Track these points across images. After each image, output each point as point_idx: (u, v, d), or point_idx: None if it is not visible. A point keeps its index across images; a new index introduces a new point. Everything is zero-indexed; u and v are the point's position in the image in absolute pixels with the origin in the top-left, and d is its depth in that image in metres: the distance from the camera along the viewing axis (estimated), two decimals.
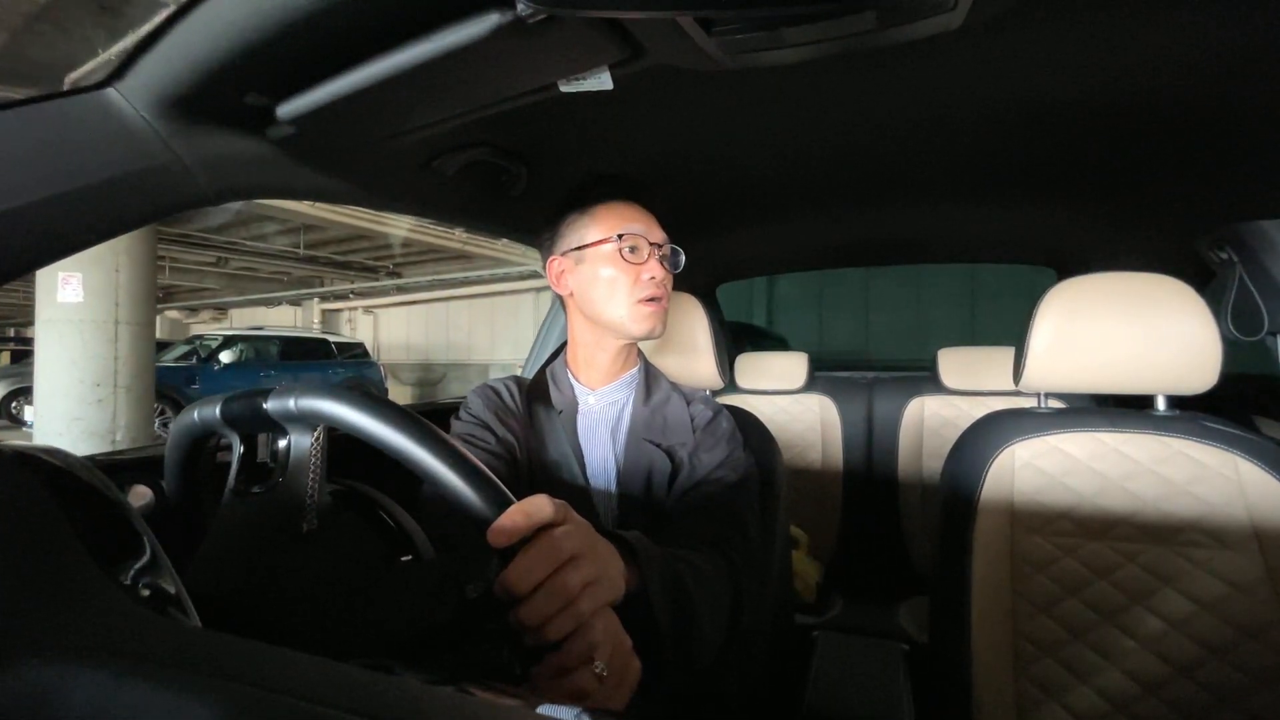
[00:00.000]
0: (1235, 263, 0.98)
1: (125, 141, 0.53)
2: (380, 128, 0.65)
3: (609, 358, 0.83)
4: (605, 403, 0.83)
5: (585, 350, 0.84)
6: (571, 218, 0.82)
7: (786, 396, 1.81)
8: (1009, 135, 0.82)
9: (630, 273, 0.77)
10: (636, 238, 0.78)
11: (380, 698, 0.25)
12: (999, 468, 0.83)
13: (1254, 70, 0.63)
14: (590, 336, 0.83)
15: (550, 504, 0.42)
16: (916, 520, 1.69)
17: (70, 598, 0.30)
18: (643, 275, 0.77)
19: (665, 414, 0.83)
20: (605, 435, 0.81)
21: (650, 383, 0.86)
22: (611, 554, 0.48)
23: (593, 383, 0.84)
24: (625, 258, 0.77)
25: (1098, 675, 0.76)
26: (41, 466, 0.36)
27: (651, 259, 0.78)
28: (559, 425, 0.80)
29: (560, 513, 0.43)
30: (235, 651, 0.28)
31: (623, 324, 0.78)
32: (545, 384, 0.85)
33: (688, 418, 0.83)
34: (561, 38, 0.48)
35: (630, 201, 0.82)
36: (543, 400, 0.83)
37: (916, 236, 1.39)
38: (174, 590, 0.35)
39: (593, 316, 0.81)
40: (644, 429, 0.81)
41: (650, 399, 0.84)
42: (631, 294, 0.77)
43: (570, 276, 0.82)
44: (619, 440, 0.81)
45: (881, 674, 0.94)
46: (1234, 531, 0.75)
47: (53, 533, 0.32)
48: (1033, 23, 0.56)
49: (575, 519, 0.45)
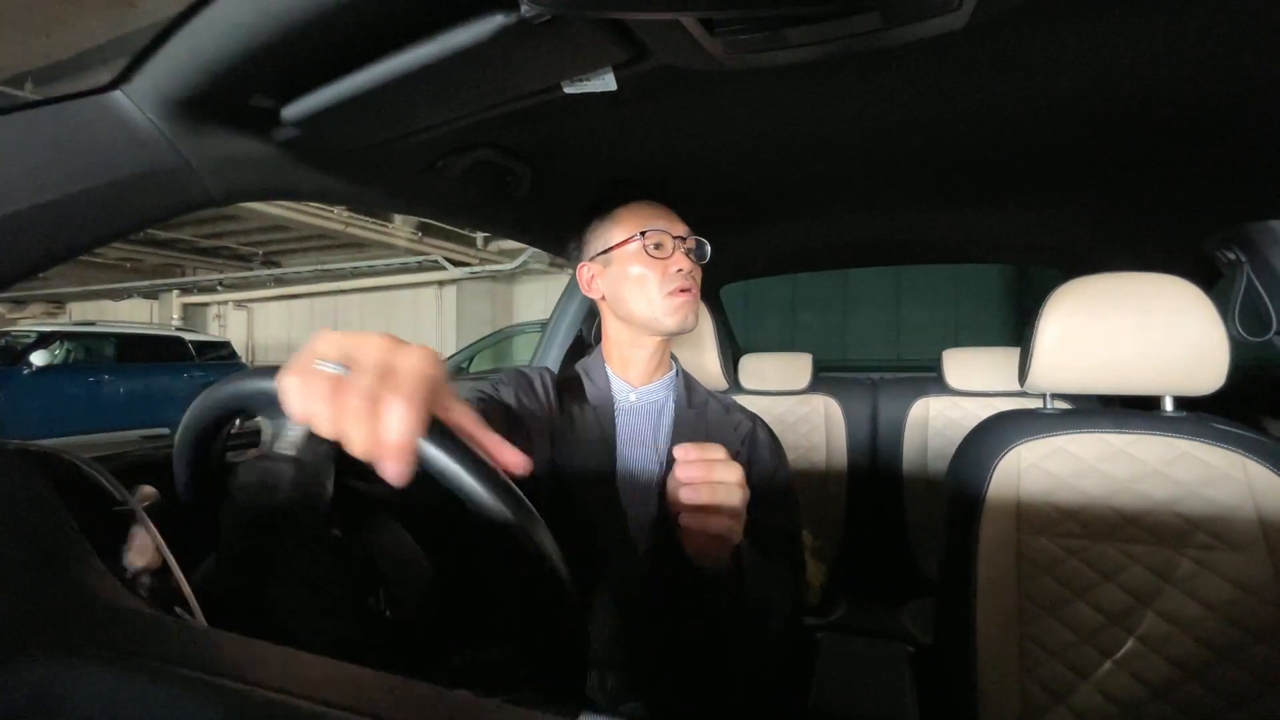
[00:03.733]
0: (1243, 263, 0.97)
1: (132, 144, 0.53)
2: (385, 129, 0.65)
3: (647, 355, 0.84)
4: (647, 401, 0.84)
5: (622, 349, 0.85)
6: (595, 224, 0.84)
7: (791, 397, 1.80)
8: (1015, 135, 0.82)
9: (657, 268, 0.78)
10: (659, 234, 0.79)
11: (384, 698, 0.25)
12: (1004, 469, 0.83)
13: (1261, 69, 0.63)
14: (626, 336, 0.84)
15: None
16: (921, 521, 1.68)
17: (76, 595, 0.30)
18: (670, 269, 0.78)
19: (708, 419, 0.84)
20: (648, 433, 0.82)
21: (690, 386, 0.87)
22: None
23: (634, 380, 0.84)
24: (651, 254, 0.78)
25: (1104, 678, 0.75)
26: (47, 464, 0.37)
27: (677, 252, 0.79)
28: (593, 419, 0.80)
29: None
30: (239, 651, 0.28)
31: (656, 319, 0.79)
32: (578, 378, 0.86)
33: (730, 427, 0.84)
34: (565, 39, 0.48)
35: (649, 200, 0.83)
36: (575, 394, 0.84)
37: (924, 236, 1.39)
38: (179, 589, 0.35)
39: (625, 316, 0.82)
40: (689, 430, 0.81)
41: (693, 402, 0.85)
42: (661, 288, 0.78)
43: (600, 280, 0.84)
44: (661, 440, 0.81)
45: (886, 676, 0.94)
46: (1242, 533, 0.74)
47: (59, 529, 0.32)
48: (1038, 22, 0.56)
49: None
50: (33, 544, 0.31)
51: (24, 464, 0.34)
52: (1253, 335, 0.97)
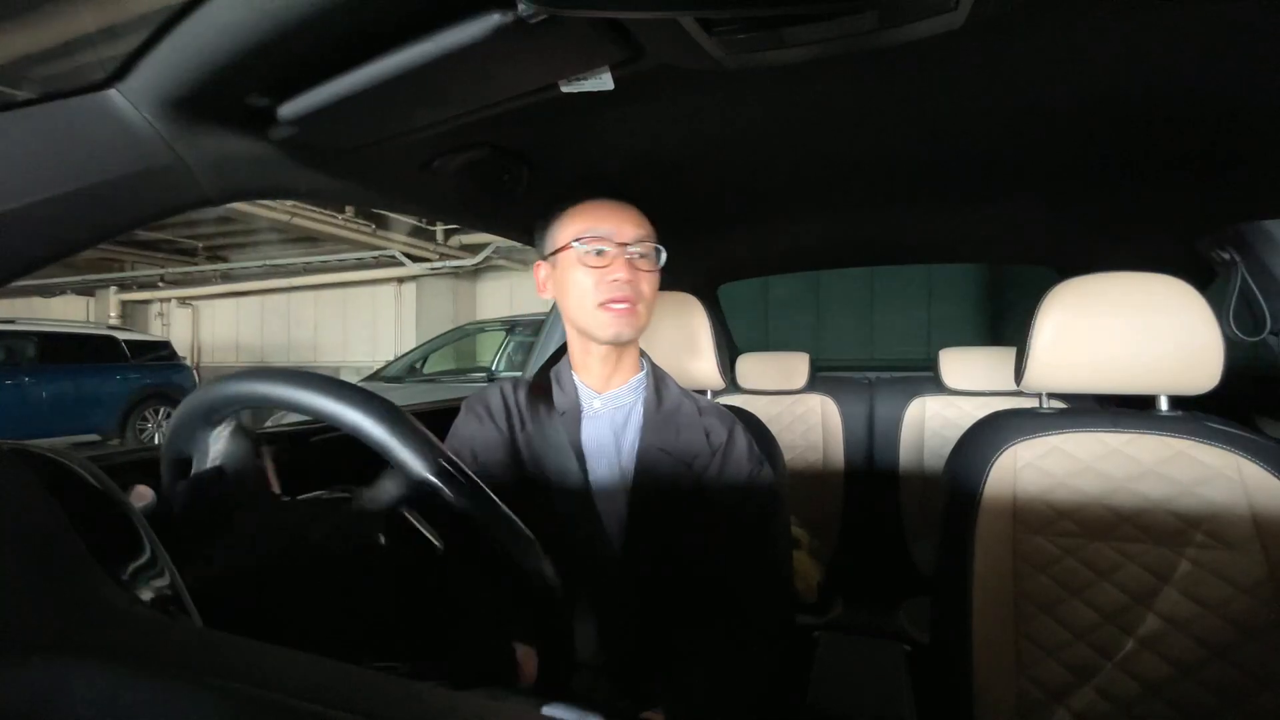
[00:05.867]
0: (1237, 263, 0.98)
1: (127, 142, 0.53)
2: (381, 128, 0.65)
3: (598, 361, 0.81)
4: (611, 406, 0.81)
5: (579, 354, 0.83)
6: (553, 221, 0.81)
7: (788, 397, 1.81)
8: (1010, 135, 0.82)
9: (592, 276, 0.75)
10: (598, 239, 0.75)
11: (381, 697, 0.25)
12: (1001, 468, 0.83)
13: (1255, 69, 0.63)
14: (578, 340, 0.82)
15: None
16: (918, 520, 1.69)
17: (71, 597, 0.30)
18: (606, 278, 0.74)
19: (678, 422, 0.80)
20: (611, 440, 0.79)
21: (660, 387, 0.84)
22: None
23: (596, 385, 0.82)
24: (587, 261, 0.75)
25: (1100, 676, 0.75)
26: (42, 464, 0.36)
27: (618, 260, 0.75)
28: (561, 426, 0.79)
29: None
30: (237, 651, 0.28)
31: (589, 328, 0.77)
32: (549, 384, 0.84)
33: (702, 430, 0.80)
34: (562, 38, 0.48)
35: (605, 200, 0.79)
36: (546, 400, 0.81)
37: (918, 237, 1.39)
38: (175, 590, 0.35)
39: (569, 320, 0.80)
40: (655, 436, 0.78)
41: (661, 405, 0.81)
42: (594, 297, 0.75)
43: (551, 281, 0.81)
44: (626, 447, 0.79)
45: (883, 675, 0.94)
46: (1237, 532, 0.75)
47: (53, 531, 0.32)
48: (1034, 22, 0.56)
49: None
50: (27, 545, 0.31)
51: (17, 464, 0.34)
52: (1247, 335, 0.98)
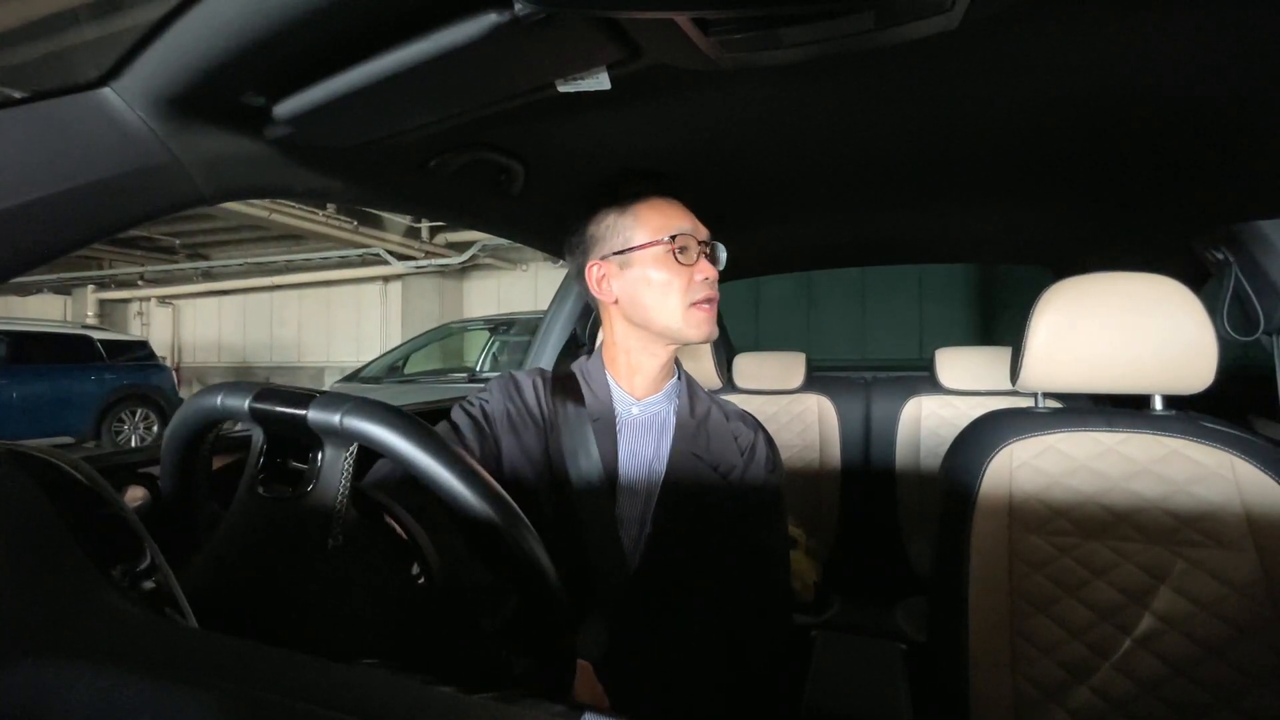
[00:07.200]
0: (1231, 263, 0.98)
1: (121, 141, 0.53)
2: (378, 127, 0.65)
3: (659, 364, 0.79)
4: (649, 414, 0.79)
5: (631, 356, 0.79)
6: (609, 219, 0.78)
7: (784, 396, 1.81)
8: (1005, 135, 0.82)
9: (683, 276, 0.74)
10: (686, 238, 0.74)
11: (378, 698, 0.25)
12: (996, 467, 0.84)
13: (1250, 70, 0.64)
14: (637, 343, 0.78)
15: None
16: (914, 520, 1.69)
17: (66, 598, 0.30)
18: (695, 277, 0.74)
19: (709, 428, 0.79)
20: (649, 449, 0.77)
21: (693, 393, 0.83)
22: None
23: (637, 391, 0.79)
24: (678, 260, 0.73)
25: (1095, 674, 0.76)
26: (36, 465, 0.36)
27: (702, 259, 0.75)
28: (592, 433, 0.76)
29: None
30: (232, 652, 0.28)
31: (679, 330, 0.74)
32: (575, 383, 0.81)
33: (731, 436, 0.80)
34: (559, 38, 0.48)
35: (671, 198, 0.78)
36: (573, 399, 0.78)
37: (914, 236, 1.39)
38: (170, 591, 0.35)
39: (643, 323, 0.76)
40: (689, 443, 0.77)
41: (695, 411, 0.80)
42: (685, 297, 0.74)
43: (615, 282, 0.77)
44: (658, 454, 0.77)
45: (880, 674, 0.94)
46: (1231, 531, 0.75)
47: (47, 532, 0.32)
48: (1030, 23, 0.56)
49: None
50: (22, 546, 0.30)
51: (11, 464, 0.34)
52: (1241, 335, 0.98)
